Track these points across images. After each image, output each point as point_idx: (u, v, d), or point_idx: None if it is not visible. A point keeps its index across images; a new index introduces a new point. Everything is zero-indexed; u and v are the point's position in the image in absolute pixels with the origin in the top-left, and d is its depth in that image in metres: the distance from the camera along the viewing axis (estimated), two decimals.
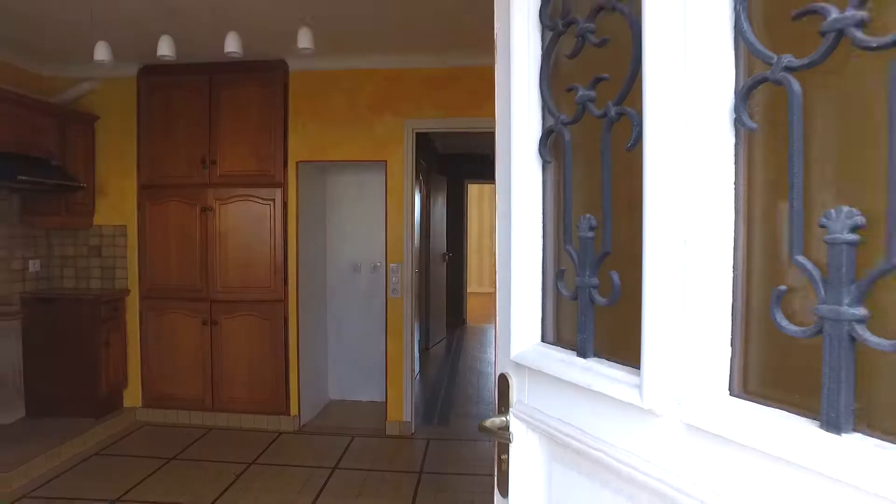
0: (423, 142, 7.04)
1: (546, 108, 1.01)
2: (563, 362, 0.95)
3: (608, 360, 0.91)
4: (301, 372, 4.55)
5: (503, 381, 1.13)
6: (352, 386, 5.28)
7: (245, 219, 4.48)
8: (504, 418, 1.11)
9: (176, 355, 4.60)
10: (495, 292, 1.17)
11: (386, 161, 4.36)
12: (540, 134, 1.03)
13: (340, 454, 4.09)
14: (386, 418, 4.50)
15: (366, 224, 5.16)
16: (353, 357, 5.26)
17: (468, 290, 10.15)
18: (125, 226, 4.62)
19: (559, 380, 0.95)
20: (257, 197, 4.45)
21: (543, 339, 1.07)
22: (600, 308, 0.91)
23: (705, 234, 0.71)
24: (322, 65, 4.33)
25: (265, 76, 4.39)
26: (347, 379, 5.28)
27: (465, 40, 3.97)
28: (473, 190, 13.02)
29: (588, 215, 0.92)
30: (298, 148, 4.42)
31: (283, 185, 4.43)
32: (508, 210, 1.07)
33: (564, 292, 0.98)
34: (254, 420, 4.56)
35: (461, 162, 9.09)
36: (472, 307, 10.52)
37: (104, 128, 4.58)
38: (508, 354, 1.08)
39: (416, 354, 6.02)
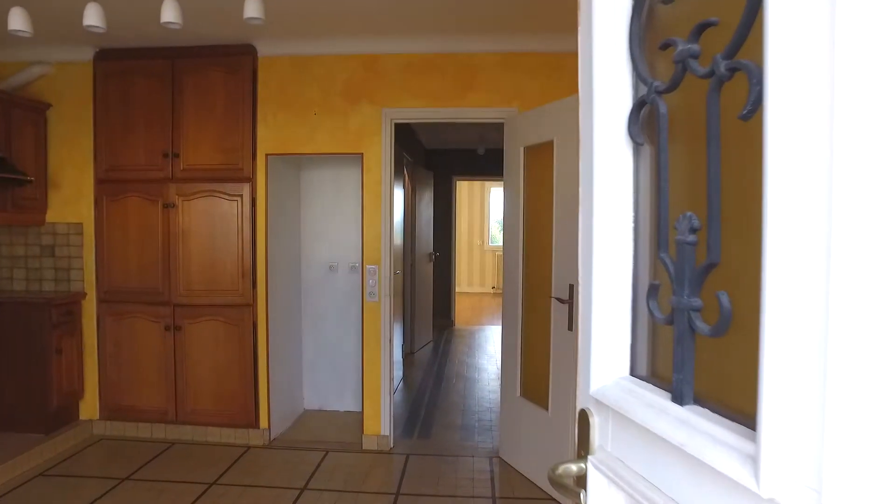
0: (407, 135, 6.73)
1: (637, 74, 0.81)
2: (653, 408, 0.74)
3: (714, 408, 0.66)
4: (272, 381, 4.22)
5: (583, 420, 0.94)
6: (329, 395, 4.96)
7: (210, 216, 4.14)
8: (581, 465, 0.93)
9: (136, 363, 4.26)
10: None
11: (362, 154, 4.03)
12: (630, 108, 0.82)
13: (311, 472, 3.76)
14: (362, 432, 4.17)
15: (343, 222, 4.84)
16: (330, 364, 4.94)
17: (457, 291, 9.84)
18: (81, 223, 4.26)
19: (648, 430, 0.74)
20: (224, 192, 4.11)
21: (633, 372, 0.86)
22: (705, 337, 0.68)
23: (862, 237, 0.44)
24: (293, 49, 3.99)
25: (232, 61, 4.04)
26: (324, 387, 4.96)
27: (446, 23, 3.65)
28: (463, 187, 12.74)
29: (689, 213, 0.70)
30: (268, 140, 4.08)
31: (252, 180, 4.09)
32: (591, 207, 0.87)
33: (657, 315, 0.77)
34: (220, 433, 4.23)
35: (449, 157, 8.78)
36: (460, 308, 10.23)
37: (57, 117, 4.21)
38: (588, 387, 0.90)
39: (400, 361, 5.72)
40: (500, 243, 12.95)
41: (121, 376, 4.29)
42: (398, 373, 5.79)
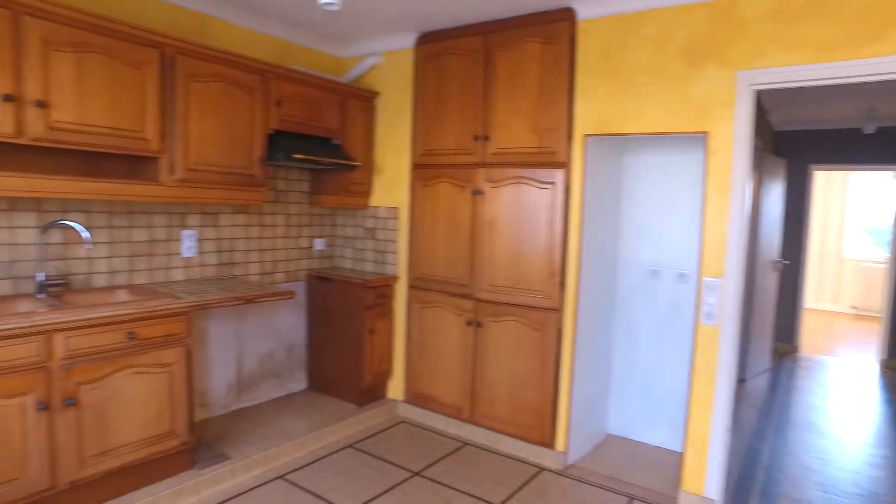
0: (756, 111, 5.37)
1: None
2: None
3: None
4: (574, 399, 3.65)
5: None
6: (637, 422, 4.17)
7: (518, 206, 3.74)
8: None
9: (437, 354, 4.17)
10: None
11: (707, 133, 3.10)
12: None
13: None
14: (679, 485, 3.30)
15: (671, 219, 3.95)
16: (642, 386, 4.14)
17: (805, 307, 7.87)
18: (397, 208, 4.33)
19: None
20: (534, 179, 3.66)
21: None
22: None
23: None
24: (619, 6, 3.28)
25: (548, 30, 3.53)
26: (632, 412, 4.19)
27: None
28: (820, 178, 10.23)
29: None
30: (586, 118, 3.47)
31: (567, 166, 3.54)
32: None
33: None
34: (513, 445, 3.85)
35: (803, 140, 6.95)
36: (808, 329, 8.18)
37: (382, 104, 4.35)
38: None
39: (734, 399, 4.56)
40: (862, 253, 10.06)
41: (423, 364, 4.26)
42: (730, 420, 4.64)
